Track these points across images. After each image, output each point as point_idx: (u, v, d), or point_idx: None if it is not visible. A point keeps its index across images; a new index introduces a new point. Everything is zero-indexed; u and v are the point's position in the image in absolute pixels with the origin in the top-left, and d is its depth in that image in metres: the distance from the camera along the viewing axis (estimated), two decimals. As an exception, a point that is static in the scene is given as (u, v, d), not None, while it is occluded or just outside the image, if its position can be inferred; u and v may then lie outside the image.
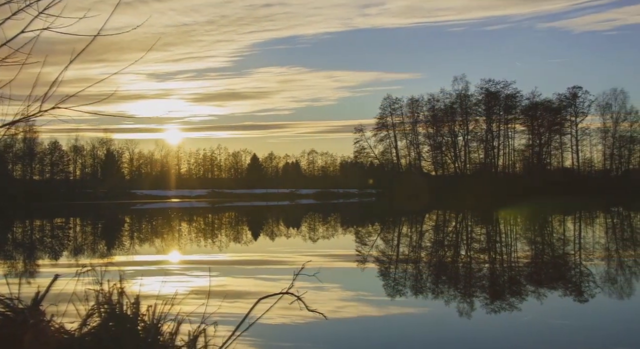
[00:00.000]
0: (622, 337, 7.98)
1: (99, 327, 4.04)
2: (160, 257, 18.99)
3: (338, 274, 14.24)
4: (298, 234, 28.36)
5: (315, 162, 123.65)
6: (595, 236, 23.97)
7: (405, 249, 20.58)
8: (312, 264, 13.13)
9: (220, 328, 6.56)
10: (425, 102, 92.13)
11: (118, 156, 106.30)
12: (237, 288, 12.11)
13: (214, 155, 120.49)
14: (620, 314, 9.67)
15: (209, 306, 6.40)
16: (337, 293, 11.29)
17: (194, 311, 5.78)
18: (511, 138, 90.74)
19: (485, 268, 15.85)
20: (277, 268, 15.61)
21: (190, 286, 12.40)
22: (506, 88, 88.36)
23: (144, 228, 34.48)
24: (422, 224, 36.12)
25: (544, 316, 9.46)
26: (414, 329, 8.59)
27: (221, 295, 10.15)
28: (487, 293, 11.79)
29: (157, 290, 4.73)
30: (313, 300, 9.39)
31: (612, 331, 8.36)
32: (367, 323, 8.97)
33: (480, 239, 24.61)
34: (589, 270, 14.61)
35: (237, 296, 11.00)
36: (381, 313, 9.65)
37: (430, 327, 8.77)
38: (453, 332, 8.37)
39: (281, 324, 8.65)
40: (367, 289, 11.88)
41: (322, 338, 7.92)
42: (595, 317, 9.41)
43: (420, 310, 9.98)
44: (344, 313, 9.57)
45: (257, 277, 13.81)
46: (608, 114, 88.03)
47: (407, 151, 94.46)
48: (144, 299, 4.81)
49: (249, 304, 5.97)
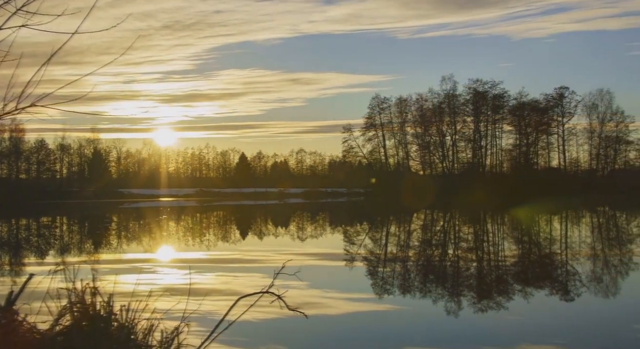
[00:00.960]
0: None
1: (71, 327, 3.97)
2: (142, 256, 18.84)
3: (321, 273, 14.22)
4: (285, 233, 28.32)
5: (304, 161, 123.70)
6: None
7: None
8: (294, 263, 13.07)
9: (200, 328, 6.51)
10: (414, 102, 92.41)
11: (105, 155, 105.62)
12: (218, 287, 12.04)
13: (202, 154, 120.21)
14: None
15: (189, 305, 6.34)
16: (319, 292, 11.26)
17: (172, 310, 5.74)
18: (499, 138, 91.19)
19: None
20: (260, 266, 15.54)
21: (170, 284, 12.31)
22: (494, 88, 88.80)
23: (127, 227, 34.29)
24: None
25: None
26: (398, 326, 8.57)
27: (201, 294, 10.05)
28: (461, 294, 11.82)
29: (134, 289, 4.66)
30: (295, 299, 9.39)
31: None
32: (349, 321, 8.94)
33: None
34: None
35: (218, 295, 10.94)
36: (363, 311, 9.63)
37: (417, 324, 8.76)
38: (442, 329, 8.37)
39: (262, 323, 8.60)
40: (350, 288, 11.86)
41: (303, 337, 7.89)
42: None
43: (403, 308, 9.96)
44: (326, 312, 9.54)
45: (239, 276, 13.73)
46: (594, 115, 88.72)
47: (395, 150, 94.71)
48: (120, 297, 4.75)
49: (230, 303, 5.93)
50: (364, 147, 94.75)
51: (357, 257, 17.54)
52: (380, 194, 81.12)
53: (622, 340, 7.73)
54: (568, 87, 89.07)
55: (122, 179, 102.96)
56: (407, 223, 36.16)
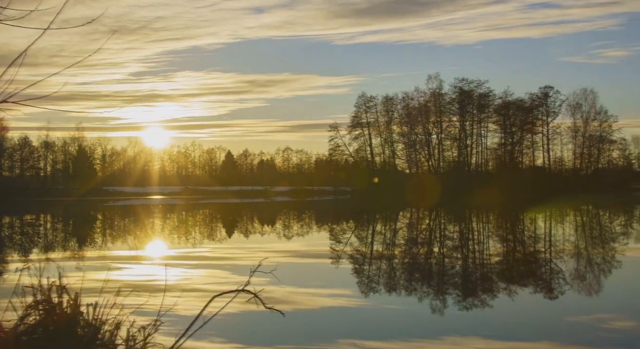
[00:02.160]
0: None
1: (35, 326, 3.93)
2: (118, 253, 18.67)
3: (302, 271, 14.22)
4: (270, 231, 28.27)
5: (290, 159, 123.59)
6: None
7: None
8: (274, 261, 13.05)
9: (173, 326, 6.48)
10: (400, 101, 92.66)
11: (90, 152, 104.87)
12: (194, 285, 11.97)
13: (188, 152, 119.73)
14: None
15: (163, 303, 6.29)
16: (297, 290, 11.26)
17: (145, 308, 5.70)
18: (484, 137, 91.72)
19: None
20: (240, 264, 15.48)
21: (144, 282, 12.24)
22: (479, 87, 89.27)
23: (109, 225, 34.06)
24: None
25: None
26: (378, 323, 8.59)
27: (177, 292, 10.01)
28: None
29: (102, 286, 4.62)
30: (273, 295, 9.37)
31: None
32: (326, 319, 8.93)
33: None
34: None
35: (194, 292, 10.88)
36: (341, 308, 9.63)
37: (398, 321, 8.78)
38: (426, 325, 8.39)
39: (238, 321, 8.57)
40: (330, 285, 11.86)
41: (280, 334, 7.87)
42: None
43: (385, 304, 9.98)
44: (303, 309, 9.53)
45: (217, 274, 13.64)
46: (578, 114, 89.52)
47: (381, 149, 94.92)
48: (89, 295, 4.71)
49: (206, 301, 5.90)
50: (350, 145, 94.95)
51: (344, 256, 17.57)
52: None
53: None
54: (553, 86, 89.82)
55: (107, 177, 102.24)
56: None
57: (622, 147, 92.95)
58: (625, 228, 27.51)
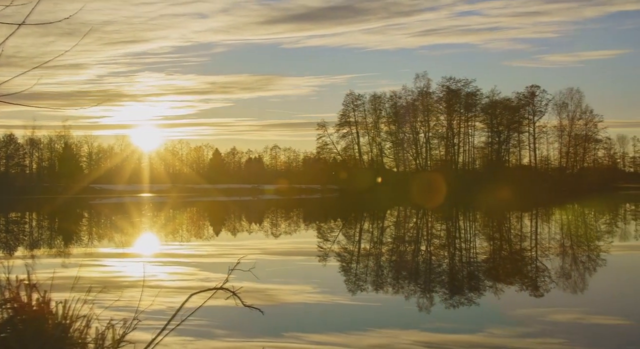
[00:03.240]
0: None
1: (3, 324, 3.89)
2: (102, 251, 18.58)
3: (283, 269, 14.20)
4: (255, 229, 28.23)
5: (278, 157, 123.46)
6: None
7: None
8: (255, 259, 13.00)
9: (151, 324, 6.44)
10: (388, 99, 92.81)
11: (76, 150, 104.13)
12: (173, 283, 11.93)
13: (176, 149, 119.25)
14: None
15: (140, 300, 6.26)
16: (277, 287, 11.25)
17: (122, 306, 5.67)
18: (471, 135, 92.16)
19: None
20: (222, 261, 15.43)
21: (123, 280, 12.19)
22: (467, 86, 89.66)
23: (92, 223, 33.85)
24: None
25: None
26: (356, 320, 8.59)
27: (155, 289, 9.99)
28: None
29: (73, 284, 4.58)
30: (251, 294, 9.34)
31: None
32: (305, 316, 8.93)
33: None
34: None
35: (172, 290, 10.83)
36: (318, 305, 9.63)
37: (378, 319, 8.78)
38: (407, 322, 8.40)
39: (216, 319, 8.54)
40: (310, 283, 11.86)
41: (259, 333, 7.86)
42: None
43: (362, 303, 9.99)
44: (283, 307, 9.52)
45: (197, 271, 13.58)
46: (564, 113, 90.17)
47: (369, 147, 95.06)
48: (62, 293, 4.66)
49: (183, 299, 5.87)
50: (338, 143, 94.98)
51: (326, 254, 17.57)
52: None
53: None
54: (539, 85, 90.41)
55: (93, 175, 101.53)
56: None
57: (607, 147, 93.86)
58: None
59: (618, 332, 7.99)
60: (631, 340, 7.54)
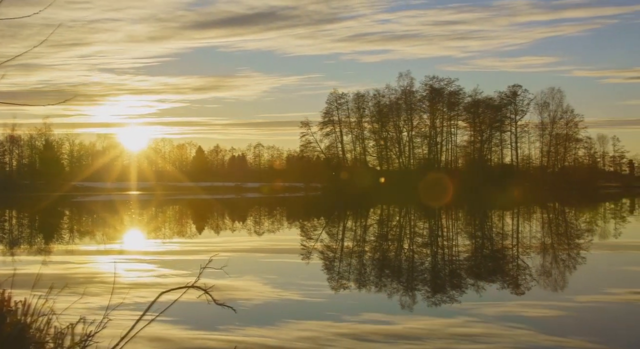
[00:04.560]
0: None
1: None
2: (75, 248, 18.43)
3: (257, 267, 14.20)
4: (235, 227, 28.16)
5: (262, 155, 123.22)
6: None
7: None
8: (230, 256, 12.94)
9: (120, 322, 6.41)
10: (371, 98, 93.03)
11: (57, 147, 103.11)
12: (145, 281, 11.87)
13: (159, 147, 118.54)
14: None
15: (110, 299, 6.23)
16: (251, 285, 11.25)
17: (90, 305, 5.64)
18: (454, 134, 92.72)
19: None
20: (197, 259, 15.40)
21: (93, 279, 12.11)
22: (449, 85, 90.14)
23: (70, 221, 33.54)
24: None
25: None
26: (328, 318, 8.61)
27: (126, 288, 9.94)
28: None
29: (34, 282, 4.55)
30: (224, 292, 9.30)
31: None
32: (278, 313, 8.93)
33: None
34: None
35: (142, 289, 10.75)
36: (294, 303, 9.64)
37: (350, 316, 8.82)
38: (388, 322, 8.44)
39: (187, 318, 8.52)
40: (284, 280, 11.87)
41: (231, 331, 7.85)
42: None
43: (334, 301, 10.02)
44: (256, 305, 9.52)
45: (169, 270, 13.50)
46: (545, 113, 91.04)
47: (352, 145, 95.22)
48: (24, 292, 4.61)
49: (154, 298, 5.85)
50: (321, 142, 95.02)
51: (304, 252, 17.58)
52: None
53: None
54: (521, 85, 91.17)
55: (74, 172, 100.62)
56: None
57: (588, 146, 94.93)
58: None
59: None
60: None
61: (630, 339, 7.61)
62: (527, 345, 7.25)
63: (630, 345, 7.39)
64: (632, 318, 8.84)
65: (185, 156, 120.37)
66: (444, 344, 7.31)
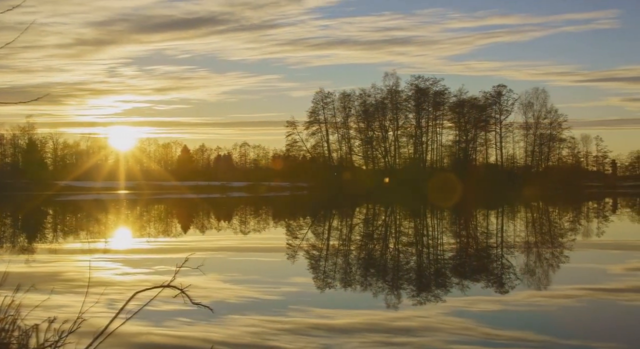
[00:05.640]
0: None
1: None
2: (49, 246, 18.25)
3: (234, 265, 14.15)
4: (217, 227, 28.05)
5: (248, 155, 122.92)
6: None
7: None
8: (209, 255, 12.85)
9: (95, 322, 6.34)
10: (357, 97, 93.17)
11: (41, 146, 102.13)
12: (120, 280, 11.76)
13: (143, 146, 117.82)
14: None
15: (87, 298, 6.13)
16: (230, 285, 11.20)
17: (62, 307, 5.54)
18: (439, 134, 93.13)
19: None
20: (174, 258, 15.28)
21: (69, 277, 11.99)
22: (435, 85, 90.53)
23: (48, 219, 33.22)
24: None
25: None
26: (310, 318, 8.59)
27: (101, 287, 9.83)
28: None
29: (26, 282, 4.47)
30: (199, 292, 9.25)
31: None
32: (256, 312, 8.89)
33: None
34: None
35: (118, 288, 10.65)
36: (273, 303, 9.61)
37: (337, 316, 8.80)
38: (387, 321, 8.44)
39: (163, 318, 8.46)
40: (263, 280, 11.83)
41: (207, 330, 7.81)
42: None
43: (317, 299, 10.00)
44: (233, 305, 9.47)
45: (144, 269, 13.39)
46: (530, 113, 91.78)
47: (338, 145, 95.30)
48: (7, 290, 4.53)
49: (129, 297, 5.78)
50: (307, 141, 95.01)
51: (284, 250, 17.53)
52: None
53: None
54: (506, 85, 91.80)
55: (58, 171, 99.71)
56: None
57: (571, 146, 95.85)
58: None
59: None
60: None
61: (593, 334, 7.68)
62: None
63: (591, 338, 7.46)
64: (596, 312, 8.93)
65: (170, 155, 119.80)
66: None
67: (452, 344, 7.22)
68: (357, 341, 7.36)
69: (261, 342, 7.33)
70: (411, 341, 7.35)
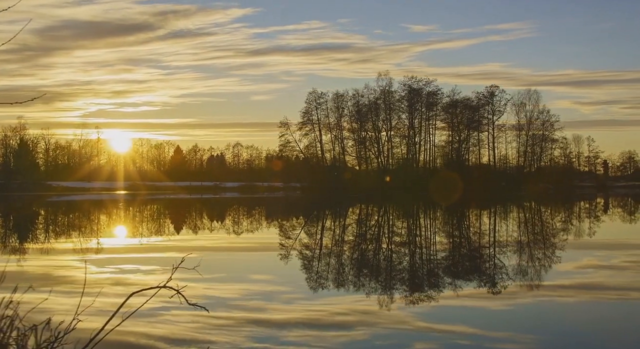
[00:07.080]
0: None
1: None
2: (44, 247, 18.18)
3: (229, 266, 14.16)
4: (211, 227, 28.03)
5: (241, 155, 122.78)
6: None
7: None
8: (205, 256, 12.81)
9: (90, 325, 6.35)
10: (350, 98, 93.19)
11: (33, 146, 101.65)
12: (116, 280, 11.72)
13: (136, 146, 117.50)
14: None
15: (83, 299, 6.15)
16: (224, 285, 11.21)
17: (57, 307, 5.53)
18: (432, 134, 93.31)
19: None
20: (169, 258, 15.27)
21: (64, 278, 11.96)
22: (428, 85, 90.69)
23: (40, 220, 33.07)
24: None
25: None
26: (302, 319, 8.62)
27: (97, 288, 9.83)
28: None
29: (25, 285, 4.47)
30: (199, 292, 9.26)
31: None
32: (251, 312, 8.92)
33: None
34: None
35: (115, 289, 10.63)
36: (267, 304, 9.64)
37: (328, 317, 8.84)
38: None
39: (160, 319, 8.46)
40: (260, 279, 11.86)
41: (204, 331, 7.82)
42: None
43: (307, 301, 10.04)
44: (229, 305, 9.48)
45: (140, 270, 13.38)
46: (522, 113, 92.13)
47: (331, 145, 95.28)
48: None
49: (126, 298, 5.79)
50: (300, 141, 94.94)
51: (276, 250, 17.56)
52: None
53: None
54: (498, 85, 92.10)
55: (50, 172, 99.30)
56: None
57: (563, 146, 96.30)
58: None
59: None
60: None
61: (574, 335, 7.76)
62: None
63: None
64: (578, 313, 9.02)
65: (163, 156, 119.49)
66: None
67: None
68: (365, 337, 7.38)
69: (259, 342, 7.34)
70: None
